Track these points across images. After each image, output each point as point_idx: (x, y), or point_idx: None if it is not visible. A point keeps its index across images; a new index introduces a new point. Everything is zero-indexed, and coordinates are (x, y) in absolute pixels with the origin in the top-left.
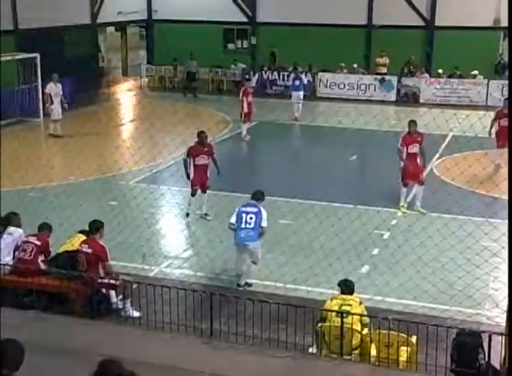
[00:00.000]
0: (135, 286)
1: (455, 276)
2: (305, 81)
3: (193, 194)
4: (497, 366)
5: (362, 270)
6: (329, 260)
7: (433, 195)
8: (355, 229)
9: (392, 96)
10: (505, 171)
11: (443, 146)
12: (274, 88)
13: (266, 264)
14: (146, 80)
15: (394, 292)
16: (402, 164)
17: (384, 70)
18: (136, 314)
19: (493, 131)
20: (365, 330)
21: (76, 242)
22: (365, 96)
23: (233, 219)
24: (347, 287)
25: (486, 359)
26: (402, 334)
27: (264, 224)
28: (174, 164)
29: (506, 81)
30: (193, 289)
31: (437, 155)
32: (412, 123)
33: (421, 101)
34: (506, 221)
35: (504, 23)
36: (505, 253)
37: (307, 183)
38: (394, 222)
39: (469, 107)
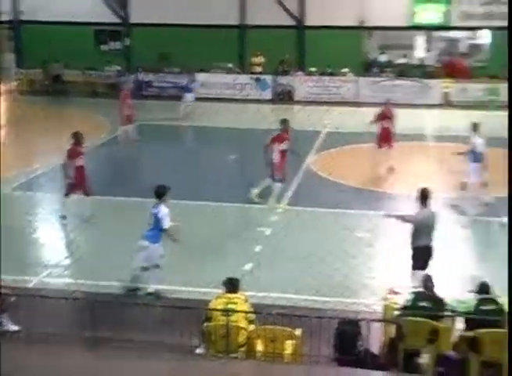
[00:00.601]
0: (13, 299)
1: (333, 268)
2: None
3: (67, 195)
4: (375, 352)
5: (246, 267)
6: (214, 259)
7: (310, 190)
8: (239, 228)
9: (268, 95)
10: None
11: (318, 142)
12: (150, 89)
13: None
14: (16, 83)
15: (277, 287)
16: (275, 160)
17: (260, 69)
18: (14, 328)
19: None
20: (252, 327)
21: None
22: (242, 96)
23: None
24: (231, 286)
25: (365, 345)
26: (287, 328)
27: (164, 225)
28: (51, 170)
29: (375, 78)
30: (75, 297)
31: (312, 151)
32: (285, 121)
33: (296, 99)
34: (380, 212)
35: (368, 23)
36: (379, 242)
37: (189, 184)
38: (275, 218)
39: (341, 104)
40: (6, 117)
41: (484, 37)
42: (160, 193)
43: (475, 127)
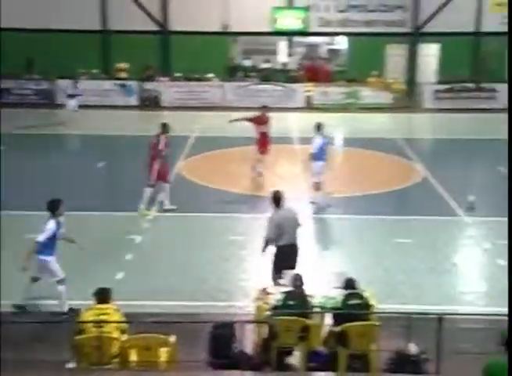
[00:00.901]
0: None
1: (207, 272)
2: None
3: None
4: (250, 353)
5: (118, 277)
6: (83, 270)
7: (180, 195)
8: (108, 236)
9: (134, 101)
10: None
11: (186, 147)
12: (10, 97)
13: (18, 281)
14: None
15: (150, 295)
16: (155, 166)
17: (125, 75)
18: None
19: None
20: (124, 337)
21: None
22: (107, 102)
23: None
24: (102, 296)
25: (239, 347)
26: (161, 336)
27: (39, 237)
28: None
29: (240, 83)
30: None
31: (181, 156)
32: (164, 125)
33: (163, 104)
34: (251, 215)
35: (232, 28)
36: (251, 244)
37: (53, 193)
38: (146, 225)
39: (207, 109)
40: None
41: (342, 43)
42: (52, 207)
43: (319, 127)
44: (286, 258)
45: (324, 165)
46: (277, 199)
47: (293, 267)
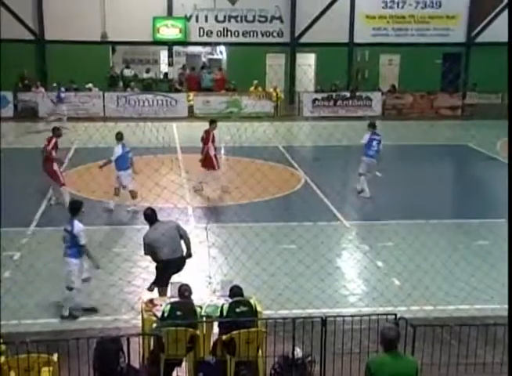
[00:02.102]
0: None
1: (91, 286)
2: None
3: None
4: (137, 366)
5: None
6: None
7: (60, 209)
8: None
9: (9, 112)
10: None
11: (66, 159)
12: None
13: None
14: None
15: (30, 313)
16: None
17: None
18: None
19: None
20: (2, 359)
21: None
22: None
23: None
24: None
25: (126, 361)
26: (43, 355)
27: (80, 241)
28: None
29: (121, 93)
30: None
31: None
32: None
33: (40, 115)
34: (134, 226)
35: (111, 37)
36: (135, 257)
37: None
38: (24, 240)
39: (87, 119)
40: None
41: (222, 53)
42: (74, 209)
43: (118, 136)
44: (168, 272)
45: (128, 173)
46: (148, 216)
47: (167, 283)
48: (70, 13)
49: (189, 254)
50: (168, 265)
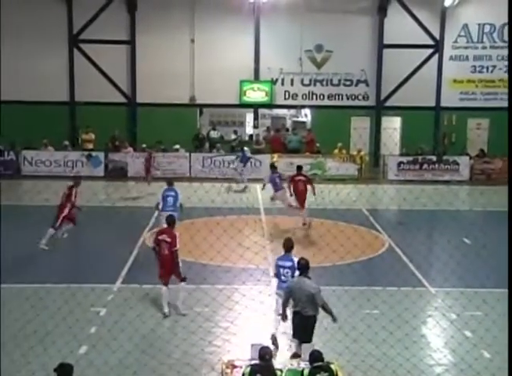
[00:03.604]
0: None
1: (172, 345)
2: None
3: None
4: None
5: (80, 351)
6: (44, 345)
7: (145, 267)
8: (71, 309)
9: (100, 171)
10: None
11: (154, 217)
12: None
13: None
14: None
15: (113, 369)
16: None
17: (91, 145)
18: None
19: None
20: None
21: None
22: (73, 173)
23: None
24: (63, 372)
25: None
26: None
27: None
28: None
29: (207, 154)
30: None
31: (148, 227)
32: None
33: (129, 175)
34: (215, 286)
35: (199, 100)
36: (216, 317)
37: (16, 266)
38: (110, 297)
39: (174, 179)
40: None
41: (307, 115)
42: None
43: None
44: (294, 325)
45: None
46: (300, 266)
47: (299, 337)
48: (161, 77)
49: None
50: (295, 320)
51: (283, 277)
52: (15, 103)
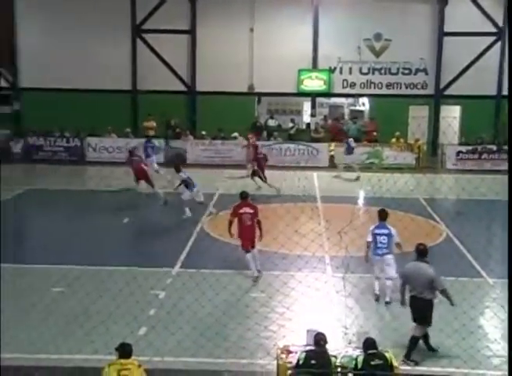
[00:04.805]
0: None
1: (229, 329)
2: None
3: None
4: None
5: (140, 332)
6: (106, 325)
7: (203, 251)
8: (131, 291)
9: (160, 158)
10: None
11: (211, 204)
12: (40, 153)
13: (40, 336)
14: None
15: (172, 351)
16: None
17: (152, 132)
18: None
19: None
20: None
21: None
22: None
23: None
24: (124, 351)
25: None
26: None
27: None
28: None
29: (265, 142)
30: None
31: (206, 213)
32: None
33: (188, 162)
34: (272, 272)
35: (257, 89)
36: (272, 302)
37: (80, 248)
38: (169, 281)
39: (232, 167)
40: None
41: (365, 104)
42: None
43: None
44: (412, 310)
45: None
46: (418, 251)
47: (417, 320)
48: (220, 66)
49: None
50: (412, 304)
51: (379, 244)
52: (81, 91)
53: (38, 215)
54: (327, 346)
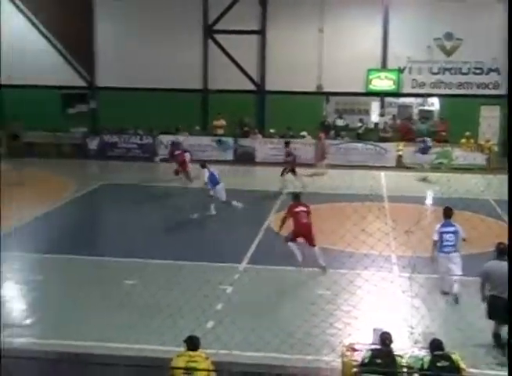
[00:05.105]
0: None
1: (294, 326)
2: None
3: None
4: None
5: (208, 326)
6: (175, 318)
7: (270, 248)
8: (200, 286)
9: (229, 156)
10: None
11: (278, 201)
12: (115, 150)
13: (109, 325)
14: None
15: (238, 345)
16: None
17: (222, 131)
18: None
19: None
20: None
21: None
22: (204, 157)
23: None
24: (192, 343)
25: None
26: None
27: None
28: (13, 231)
29: (333, 141)
30: (37, 357)
31: (273, 210)
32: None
33: (257, 160)
34: (338, 270)
35: (326, 88)
36: (338, 300)
37: (152, 242)
38: (236, 276)
39: (299, 165)
40: None
41: (434, 104)
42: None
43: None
44: (492, 308)
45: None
46: (499, 250)
47: (498, 319)
48: (289, 66)
49: None
50: (492, 303)
51: (445, 242)
52: (153, 90)
53: (112, 209)
54: (392, 346)
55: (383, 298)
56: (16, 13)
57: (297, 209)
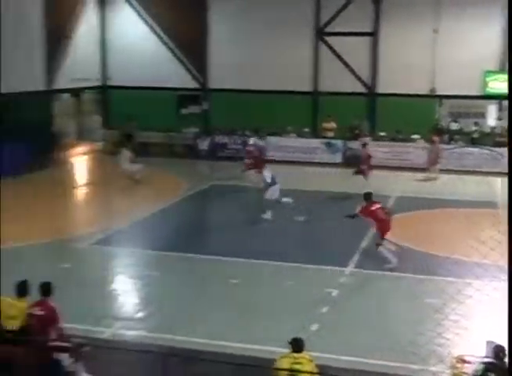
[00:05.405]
0: (87, 348)
1: (399, 333)
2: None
3: None
4: None
5: (312, 328)
6: (280, 318)
7: (376, 253)
8: (305, 288)
9: (338, 159)
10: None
11: (388, 206)
12: (225, 151)
13: (215, 323)
14: (101, 144)
15: (341, 349)
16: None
17: (331, 134)
18: None
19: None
20: None
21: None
22: (313, 159)
23: None
24: (297, 345)
25: None
26: None
27: None
28: (128, 227)
29: (446, 146)
30: (147, 350)
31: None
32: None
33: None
34: (448, 278)
35: (439, 91)
36: (446, 309)
37: (257, 243)
38: (342, 280)
39: (410, 170)
40: (89, 176)
41: None
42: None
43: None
44: None
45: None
46: None
47: None
48: (402, 68)
49: None
50: None
51: None
52: (263, 92)
53: (220, 209)
54: (506, 360)
55: (495, 309)
56: (137, 19)
57: (373, 207)
